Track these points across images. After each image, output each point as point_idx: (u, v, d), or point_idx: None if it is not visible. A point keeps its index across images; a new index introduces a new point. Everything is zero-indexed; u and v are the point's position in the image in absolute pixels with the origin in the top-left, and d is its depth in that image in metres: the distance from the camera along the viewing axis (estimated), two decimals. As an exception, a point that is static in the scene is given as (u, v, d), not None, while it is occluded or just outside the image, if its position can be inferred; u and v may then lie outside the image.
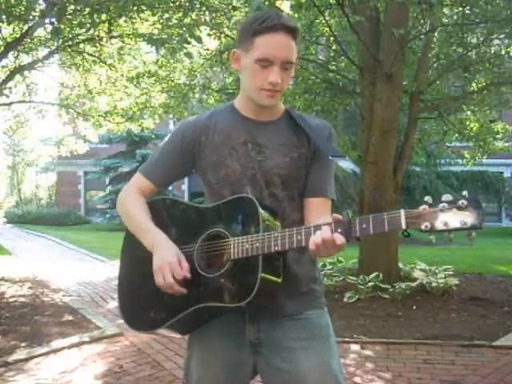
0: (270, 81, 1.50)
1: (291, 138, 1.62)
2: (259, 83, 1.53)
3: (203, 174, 1.65)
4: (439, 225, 1.24)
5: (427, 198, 1.27)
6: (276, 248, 1.41)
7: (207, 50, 8.33)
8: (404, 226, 1.27)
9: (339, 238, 1.33)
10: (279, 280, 1.47)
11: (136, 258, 1.69)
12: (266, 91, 1.53)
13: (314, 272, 1.67)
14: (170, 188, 22.00)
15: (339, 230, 1.34)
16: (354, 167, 1.56)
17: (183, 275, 1.48)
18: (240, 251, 1.45)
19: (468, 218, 1.22)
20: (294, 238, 1.40)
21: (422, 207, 1.26)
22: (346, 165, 1.55)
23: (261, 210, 1.47)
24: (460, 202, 1.23)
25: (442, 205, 1.24)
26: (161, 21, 6.98)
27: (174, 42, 5.68)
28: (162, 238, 1.55)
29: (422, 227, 1.25)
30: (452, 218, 1.23)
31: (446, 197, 1.25)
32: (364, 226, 1.32)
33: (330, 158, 1.55)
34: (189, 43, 5.73)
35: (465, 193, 1.24)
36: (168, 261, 1.48)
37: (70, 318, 5.59)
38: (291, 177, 1.60)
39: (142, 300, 1.65)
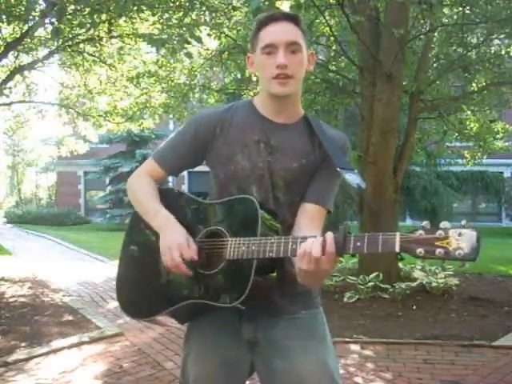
0: (277, 64, 1.50)
1: (304, 143, 1.61)
2: (269, 72, 1.53)
3: (212, 166, 1.66)
4: (433, 252, 1.22)
5: (425, 224, 1.24)
6: (271, 254, 1.41)
7: (207, 50, 8.33)
8: (397, 250, 1.25)
9: (331, 250, 1.30)
10: (272, 281, 1.48)
11: (137, 248, 1.72)
12: (277, 79, 1.52)
13: None
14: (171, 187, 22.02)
15: (333, 245, 1.33)
16: (361, 182, 1.53)
17: (191, 256, 1.48)
18: (236, 252, 1.46)
19: (463, 249, 1.19)
20: (289, 246, 1.40)
21: (418, 232, 1.24)
22: (353, 178, 1.52)
23: (261, 212, 1.47)
24: (457, 232, 1.20)
25: (438, 232, 1.22)
26: (161, 21, 6.98)
27: (175, 42, 5.68)
28: (172, 220, 1.56)
29: (416, 253, 1.23)
30: (447, 247, 1.21)
31: (444, 224, 1.23)
32: (358, 244, 1.30)
33: (338, 169, 1.52)
34: (189, 43, 5.73)
35: (463, 222, 1.22)
36: (177, 242, 1.49)
37: (70, 318, 5.59)
38: (295, 182, 1.59)
39: (138, 288, 1.67)
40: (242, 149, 1.59)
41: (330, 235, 1.32)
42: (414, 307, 5.86)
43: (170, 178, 17.84)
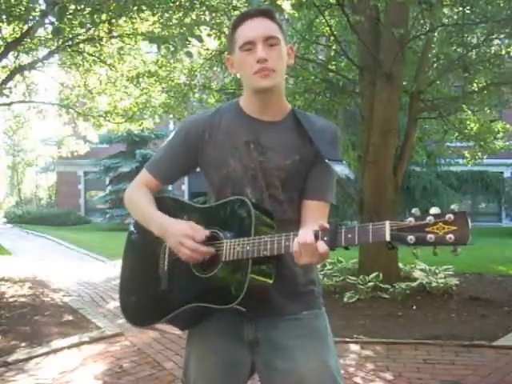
0: (257, 59, 1.50)
1: (294, 139, 1.61)
2: (250, 68, 1.53)
3: (206, 171, 1.66)
4: (424, 239, 1.20)
5: (414, 211, 1.24)
6: (265, 253, 1.42)
7: (207, 49, 8.33)
8: (388, 239, 1.24)
9: (322, 246, 1.32)
10: (270, 281, 1.48)
11: (137, 256, 1.73)
12: (258, 74, 1.52)
13: (313, 273, 1.66)
14: (170, 188, 21.99)
15: (325, 238, 1.33)
16: (349, 173, 1.53)
17: (202, 236, 1.49)
18: (231, 254, 1.46)
19: (454, 233, 1.18)
20: (283, 243, 1.40)
21: (408, 220, 1.23)
22: (341, 169, 1.52)
23: (254, 212, 1.47)
24: (447, 217, 1.19)
25: (428, 218, 1.20)
26: (161, 20, 6.98)
27: (176, 40, 5.68)
28: (168, 219, 1.57)
29: (407, 240, 1.22)
30: (438, 232, 1.19)
31: (435, 210, 1.22)
32: (349, 235, 1.30)
33: (327, 161, 1.53)
34: (189, 42, 5.73)
35: (453, 206, 1.21)
36: (182, 232, 1.49)
37: (70, 318, 5.59)
38: (291, 179, 1.59)
39: (140, 295, 1.69)
40: (232, 152, 1.59)
41: (322, 231, 1.34)
42: (414, 307, 5.86)
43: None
